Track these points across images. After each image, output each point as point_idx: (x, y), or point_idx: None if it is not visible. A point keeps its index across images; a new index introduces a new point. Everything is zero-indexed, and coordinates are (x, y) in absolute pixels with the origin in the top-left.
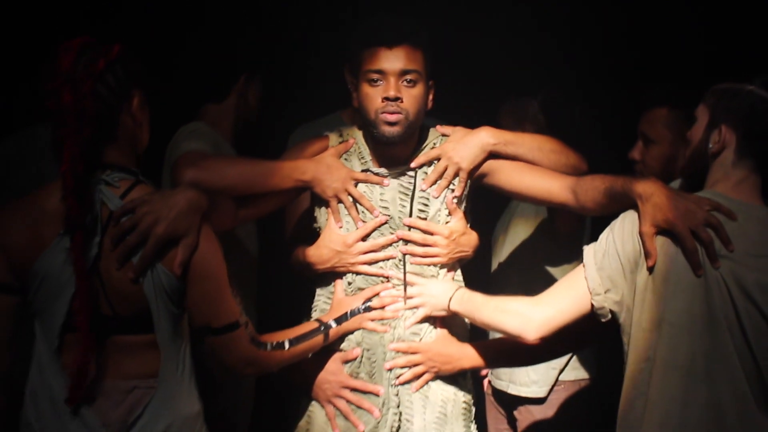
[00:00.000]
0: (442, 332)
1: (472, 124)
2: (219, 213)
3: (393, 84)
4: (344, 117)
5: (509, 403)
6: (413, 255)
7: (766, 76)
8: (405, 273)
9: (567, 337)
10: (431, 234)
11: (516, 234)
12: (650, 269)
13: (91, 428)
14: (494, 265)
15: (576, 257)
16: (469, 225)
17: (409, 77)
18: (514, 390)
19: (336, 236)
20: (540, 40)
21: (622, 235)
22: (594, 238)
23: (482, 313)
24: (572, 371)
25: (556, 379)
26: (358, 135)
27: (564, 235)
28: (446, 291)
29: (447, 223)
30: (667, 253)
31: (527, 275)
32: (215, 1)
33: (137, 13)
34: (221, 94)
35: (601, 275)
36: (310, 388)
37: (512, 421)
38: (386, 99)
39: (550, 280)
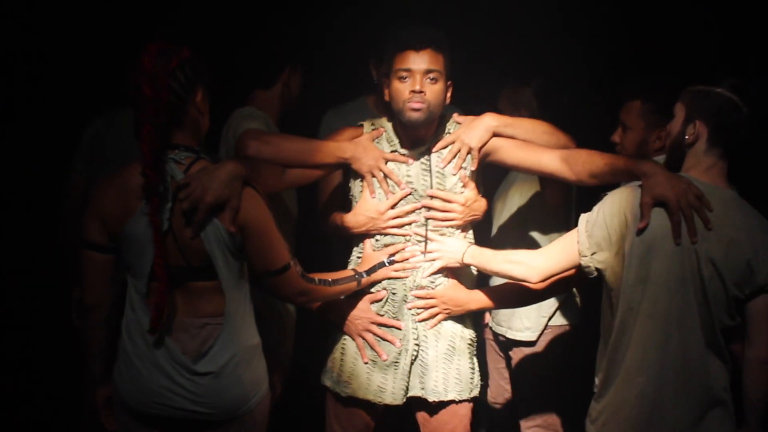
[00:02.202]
0: (453, 281)
1: (476, 108)
2: (270, 177)
3: (419, 80)
4: (369, 101)
5: (506, 345)
6: (435, 219)
7: (732, 79)
8: (426, 233)
9: (557, 282)
10: (449, 202)
11: (512, 203)
12: (640, 232)
13: (173, 355)
14: (494, 229)
15: (562, 225)
16: (481, 194)
17: (432, 75)
18: (510, 334)
19: (371, 204)
20: (535, 33)
21: (611, 210)
22: (579, 211)
23: (492, 264)
24: (558, 318)
25: (546, 325)
26: (388, 125)
27: (552, 207)
28: (460, 247)
29: (462, 193)
30: (655, 225)
31: (520, 237)
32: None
33: (198, 13)
34: (270, 83)
35: (590, 241)
36: (343, 324)
37: (508, 360)
38: (413, 92)
39: (538, 243)
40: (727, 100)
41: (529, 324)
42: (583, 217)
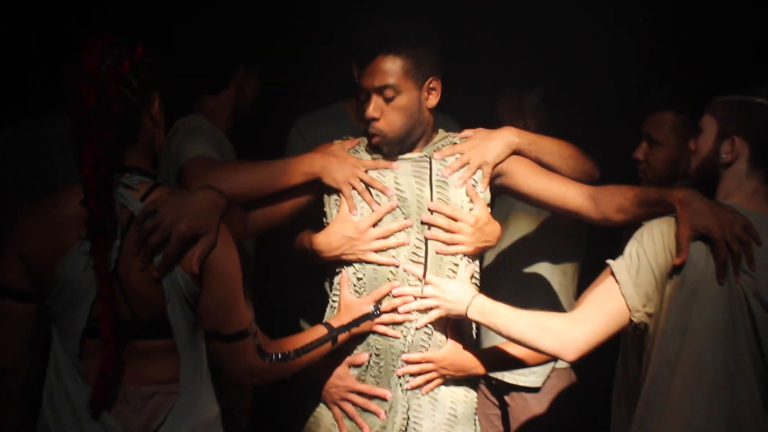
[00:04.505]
0: (453, 341)
1: (470, 119)
2: (233, 224)
3: (372, 102)
4: (348, 107)
5: (500, 389)
6: (437, 240)
7: None
8: (426, 257)
9: None
10: (456, 221)
11: (517, 227)
12: (677, 270)
13: None
14: (489, 258)
15: (574, 254)
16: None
17: (387, 94)
18: (510, 378)
19: (348, 222)
20: (541, 27)
21: (653, 248)
22: (593, 236)
23: (512, 328)
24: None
25: (553, 368)
26: (364, 138)
27: (566, 232)
28: (464, 295)
29: (471, 210)
30: (695, 265)
31: (525, 270)
32: None
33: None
34: (220, 86)
35: (639, 292)
36: (316, 390)
37: (502, 407)
38: (367, 120)
39: (548, 277)
40: None
41: (536, 368)
42: (620, 265)
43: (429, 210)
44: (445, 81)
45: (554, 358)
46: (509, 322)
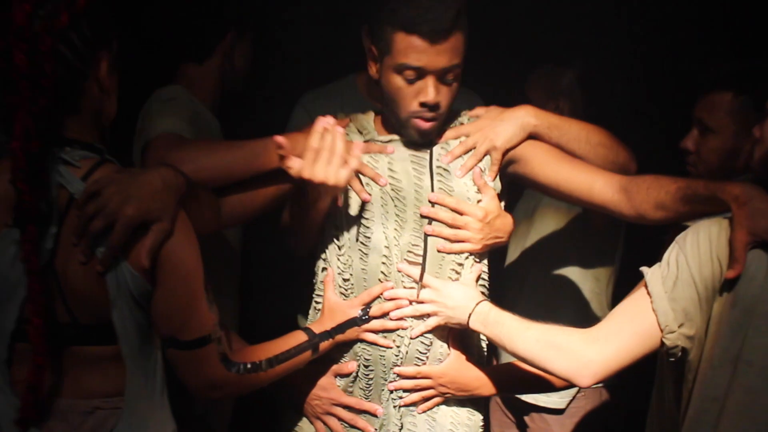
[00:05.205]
0: (457, 354)
1: (495, 101)
2: (200, 211)
3: (433, 85)
4: (359, 81)
5: (520, 408)
6: (440, 237)
7: None
8: (425, 256)
9: None
10: (461, 214)
11: (543, 223)
12: (730, 285)
13: None
14: (512, 257)
15: (608, 258)
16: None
17: (449, 76)
18: (529, 398)
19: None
20: None
21: (697, 256)
22: (632, 235)
23: (517, 343)
24: None
25: (579, 389)
26: (357, 116)
27: (599, 231)
28: (467, 301)
29: (478, 202)
30: (752, 279)
31: (550, 274)
32: None
33: None
34: (204, 54)
35: (675, 308)
36: (298, 402)
37: (520, 426)
38: (423, 105)
39: (578, 284)
40: None
41: None
42: (655, 274)
43: (430, 202)
44: (471, 56)
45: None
46: (515, 334)
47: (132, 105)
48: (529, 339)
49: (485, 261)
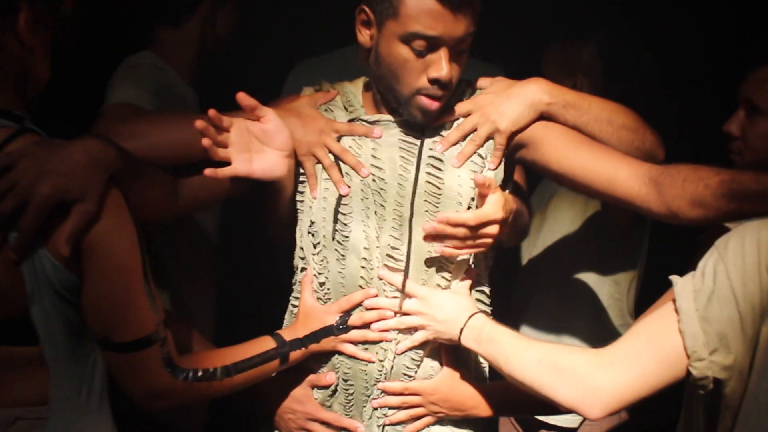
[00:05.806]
0: (449, 370)
1: (510, 73)
2: (147, 193)
3: (446, 57)
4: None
5: (530, 425)
6: (442, 254)
7: None
8: (408, 260)
9: None
10: (458, 225)
11: (558, 219)
12: None
13: None
14: (523, 257)
15: (629, 261)
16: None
17: (462, 45)
18: (542, 416)
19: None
20: None
21: (742, 267)
22: (659, 232)
23: (514, 365)
24: None
25: None
26: (345, 86)
27: (621, 227)
28: (458, 313)
29: (473, 199)
30: None
31: (564, 278)
32: None
33: None
34: (181, 16)
35: (707, 330)
36: (270, 415)
37: None
38: (434, 81)
39: (595, 289)
40: None
41: None
42: (686, 286)
43: (427, 203)
44: (484, 29)
45: None
46: (512, 354)
47: (105, 76)
48: (529, 360)
49: (488, 262)
